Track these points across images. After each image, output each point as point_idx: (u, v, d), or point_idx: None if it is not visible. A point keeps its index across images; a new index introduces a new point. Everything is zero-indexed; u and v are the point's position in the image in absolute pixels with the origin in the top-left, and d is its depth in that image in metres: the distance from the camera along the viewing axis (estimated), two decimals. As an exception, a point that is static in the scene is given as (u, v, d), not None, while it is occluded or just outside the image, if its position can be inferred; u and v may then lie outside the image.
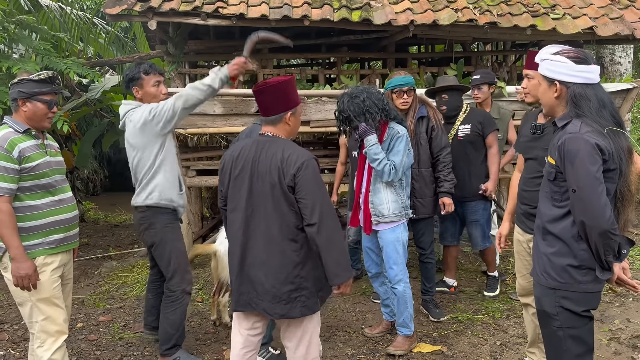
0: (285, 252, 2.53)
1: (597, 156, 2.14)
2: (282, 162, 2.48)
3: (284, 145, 2.55)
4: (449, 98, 4.39)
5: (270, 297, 2.54)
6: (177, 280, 3.50)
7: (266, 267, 2.55)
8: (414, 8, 5.23)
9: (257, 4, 5.06)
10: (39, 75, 2.82)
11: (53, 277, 2.91)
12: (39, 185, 2.85)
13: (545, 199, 2.41)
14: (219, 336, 4.09)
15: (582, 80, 2.26)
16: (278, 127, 2.62)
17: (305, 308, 2.56)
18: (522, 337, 3.95)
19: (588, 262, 2.26)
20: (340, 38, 6.05)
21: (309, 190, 2.46)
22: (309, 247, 2.56)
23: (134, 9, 4.81)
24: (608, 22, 5.29)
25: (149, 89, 3.42)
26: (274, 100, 2.56)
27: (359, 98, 3.46)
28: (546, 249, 2.38)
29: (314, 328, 2.67)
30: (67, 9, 7.25)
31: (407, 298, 3.68)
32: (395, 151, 3.51)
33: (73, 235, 3.07)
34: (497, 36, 5.62)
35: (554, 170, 2.30)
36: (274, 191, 2.50)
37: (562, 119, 2.32)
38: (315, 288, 2.59)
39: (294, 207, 2.50)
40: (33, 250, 2.83)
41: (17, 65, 5.27)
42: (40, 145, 2.90)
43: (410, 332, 3.73)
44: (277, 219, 2.52)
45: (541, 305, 2.42)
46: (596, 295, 2.32)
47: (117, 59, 7.56)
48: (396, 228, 3.61)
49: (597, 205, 2.13)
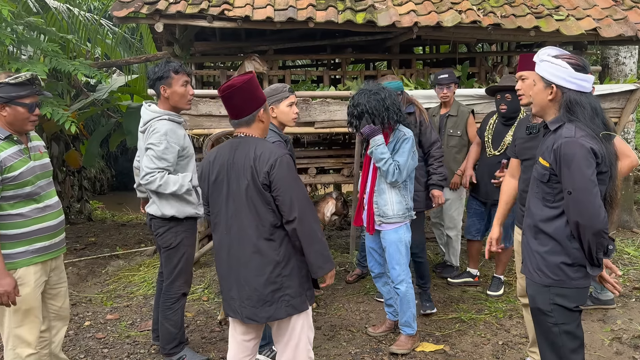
0: (263, 252, 2.51)
1: (592, 160, 2.24)
2: (255, 160, 2.46)
3: (256, 143, 2.53)
4: (512, 98, 4.35)
5: (254, 301, 2.52)
6: (180, 283, 3.52)
7: (246, 270, 2.53)
8: (418, 10, 5.26)
9: (263, 6, 5.10)
10: (17, 78, 2.71)
11: (36, 288, 2.85)
12: (22, 194, 2.76)
13: (536, 199, 2.49)
14: (224, 335, 4.14)
15: (577, 87, 2.33)
16: (252, 126, 2.59)
17: (290, 307, 2.54)
18: (524, 337, 3.98)
19: (579, 260, 2.36)
20: (345, 39, 6.09)
21: (285, 186, 2.45)
22: (291, 246, 2.54)
23: (141, 11, 4.86)
24: (612, 23, 5.29)
25: (177, 89, 3.32)
26: (244, 101, 2.52)
27: (379, 95, 3.46)
28: (539, 247, 2.46)
29: (301, 329, 2.62)
30: (75, 10, 7.32)
31: (410, 298, 3.71)
32: (401, 152, 3.54)
33: (59, 242, 3.01)
34: (500, 37, 5.64)
35: (547, 172, 2.39)
36: (249, 191, 2.48)
37: (554, 122, 2.41)
38: (302, 287, 2.58)
39: (270, 205, 2.48)
40: (15, 260, 2.77)
41: (26, 67, 5.33)
42: (23, 150, 2.81)
43: (413, 332, 3.77)
44: (253, 219, 2.50)
45: (535, 303, 2.50)
46: (586, 290, 2.44)
47: (125, 60, 7.63)
48: (399, 229, 3.64)
49: (593, 206, 2.23)
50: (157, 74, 3.32)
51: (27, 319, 2.85)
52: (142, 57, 7.58)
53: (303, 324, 2.63)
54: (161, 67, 3.32)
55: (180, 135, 3.33)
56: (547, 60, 2.38)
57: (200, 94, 5.36)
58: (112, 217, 9.56)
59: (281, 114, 3.35)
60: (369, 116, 3.47)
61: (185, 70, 3.39)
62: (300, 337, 2.62)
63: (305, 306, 2.60)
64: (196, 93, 5.32)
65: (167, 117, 3.31)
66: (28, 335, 2.86)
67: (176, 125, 3.34)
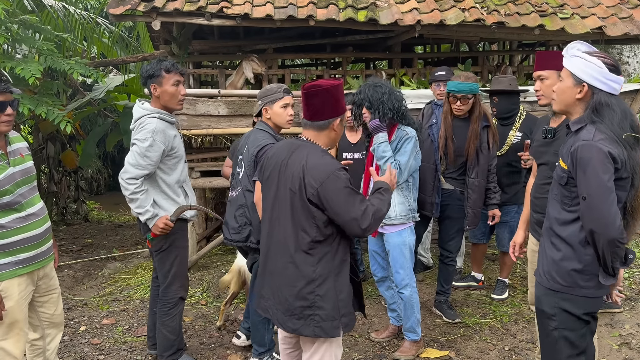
0: (298, 264, 2.38)
1: (610, 164, 2.11)
2: (304, 171, 2.34)
3: (312, 153, 2.39)
4: (499, 101, 4.42)
5: (284, 309, 2.42)
6: (177, 287, 3.42)
7: (280, 278, 2.43)
8: (421, 8, 5.17)
9: (262, 4, 5.00)
10: None
11: (21, 300, 2.73)
12: (2, 204, 2.60)
13: (555, 202, 2.38)
14: (223, 340, 4.04)
15: (609, 89, 2.21)
16: (322, 133, 2.48)
17: (319, 329, 2.37)
18: (530, 342, 3.89)
19: (592, 267, 2.24)
20: (345, 38, 6.00)
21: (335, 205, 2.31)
22: (332, 265, 2.40)
23: (137, 9, 4.76)
24: (617, 22, 5.21)
25: (168, 88, 3.20)
26: (324, 105, 2.42)
27: (381, 89, 3.45)
28: (552, 251, 2.36)
29: (325, 351, 2.46)
30: (71, 8, 7.21)
31: (414, 303, 3.62)
32: (403, 151, 3.46)
33: (46, 251, 2.86)
34: (504, 36, 5.56)
35: (565, 175, 2.27)
36: (294, 200, 2.37)
37: (576, 122, 2.28)
38: (336, 312, 2.38)
39: (314, 220, 2.34)
40: (0, 272, 2.64)
41: (21, 66, 5.23)
42: (1, 157, 2.65)
43: (418, 337, 3.68)
44: (294, 228, 2.38)
45: (540, 304, 2.41)
46: (597, 300, 2.31)
47: (121, 59, 7.53)
48: (403, 231, 3.55)
49: (607, 214, 2.11)
50: (148, 72, 3.22)
51: (11, 332, 2.72)
52: (139, 56, 7.48)
53: (329, 348, 2.47)
54: (153, 66, 3.23)
55: (169, 136, 3.22)
56: (580, 56, 2.24)
57: (198, 93, 5.27)
58: (109, 217, 9.45)
59: (275, 115, 3.29)
60: (368, 104, 3.45)
61: (179, 69, 3.28)
62: (324, 355, 2.47)
63: (337, 332, 2.41)
64: (195, 92, 5.24)
65: (157, 115, 3.20)
66: (13, 348, 2.74)
67: (167, 125, 3.23)
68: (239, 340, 3.87)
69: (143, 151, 3.10)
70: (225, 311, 4.25)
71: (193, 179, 5.50)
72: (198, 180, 5.52)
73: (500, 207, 4.49)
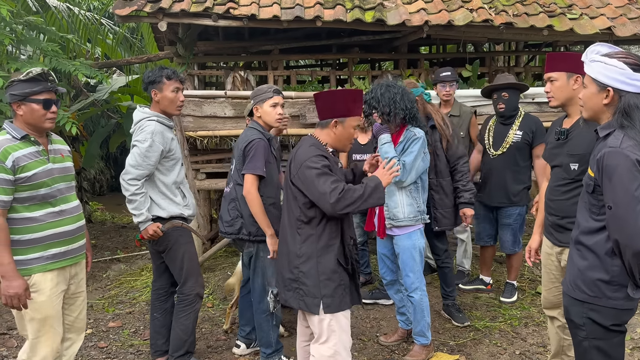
0: (288, 242, 2.73)
1: (637, 173, 2.03)
2: (293, 158, 2.72)
3: (305, 143, 2.76)
4: (509, 96, 4.33)
5: (282, 282, 2.77)
6: (192, 284, 3.44)
7: (280, 255, 2.83)
8: (428, 8, 5.13)
9: (269, 5, 4.97)
10: (28, 74, 2.61)
11: (53, 296, 2.73)
12: (37, 196, 2.66)
13: (584, 210, 2.30)
14: (230, 344, 4.00)
15: (637, 89, 2.11)
16: (324, 132, 2.78)
17: (302, 303, 2.67)
18: (541, 346, 3.85)
19: (620, 279, 2.17)
20: (351, 39, 5.96)
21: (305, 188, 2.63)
22: (315, 248, 2.67)
23: (144, 9, 4.73)
24: (626, 22, 5.17)
25: (168, 94, 3.34)
26: (324, 106, 2.75)
27: (394, 90, 3.44)
28: (579, 260, 2.29)
29: (329, 327, 2.68)
30: (75, 9, 7.18)
31: (424, 306, 3.59)
32: (408, 152, 3.44)
33: (78, 248, 2.88)
34: (512, 37, 5.52)
35: (592, 183, 2.20)
36: (287, 184, 2.75)
37: (604, 128, 2.20)
38: (317, 291, 2.65)
39: (296, 201, 2.69)
40: (30, 266, 2.66)
41: (26, 67, 5.19)
42: (41, 152, 2.70)
43: (428, 342, 3.64)
44: (289, 210, 2.75)
45: (569, 314, 2.36)
46: (628, 312, 2.23)
47: (125, 60, 7.49)
48: (412, 234, 3.52)
49: (634, 225, 2.03)
50: (150, 78, 3.38)
51: (43, 328, 2.73)
52: (143, 57, 7.45)
53: (333, 325, 2.69)
54: (155, 72, 3.38)
55: (167, 138, 3.35)
56: (600, 60, 2.16)
57: (205, 94, 5.24)
58: (112, 218, 9.42)
59: (264, 113, 3.49)
60: (377, 105, 3.44)
61: (179, 77, 3.43)
62: (330, 336, 2.69)
63: (316, 310, 2.66)
64: (201, 94, 5.21)
65: (156, 118, 3.34)
66: (44, 347, 2.74)
67: (165, 128, 3.37)
68: (239, 349, 3.82)
69: (143, 152, 3.22)
70: (231, 314, 4.22)
71: (199, 181, 5.48)
72: (204, 182, 5.49)
73: (503, 209, 4.49)
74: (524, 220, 4.62)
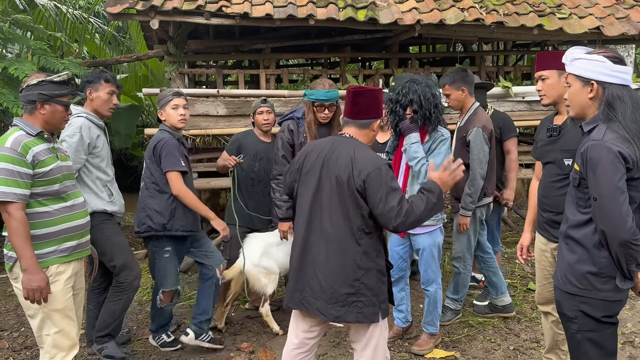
0: (347, 253, 2.49)
1: (620, 164, 2.09)
2: (353, 163, 2.46)
3: (357, 147, 2.54)
4: (476, 96, 4.27)
5: (326, 297, 2.50)
6: (125, 274, 3.54)
7: (326, 266, 2.51)
8: (420, 7, 5.15)
9: (261, 3, 4.95)
10: (60, 76, 2.74)
11: (66, 287, 2.79)
12: (51, 192, 2.73)
13: (571, 204, 2.36)
14: (225, 343, 3.98)
15: (619, 80, 2.18)
16: (363, 131, 2.63)
17: (361, 315, 2.50)
18: (534, 342, 3.89)
19: (608, 270, 2.21)
20: (344, 38, 5.96)
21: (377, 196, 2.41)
22: (374, 256, 2.53)
23: (135, 7, 4.69)
24: (614, 22, 5.24)
25: (102, 95, 3.52)
26: (369, 105, 2.59)
27: (432, 90, 3.39)
28: (568, 254, 2.34)
29: (380, 335, 2.62)
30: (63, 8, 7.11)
31: (438, 299, 3.68)
32: (437, 153, 3.41)
33: (85, 242, 2.96)
34: (502, 36, 5.56)
35: (577, 176, 2.26)
36: (341, 191, 2.47)
37: (589, 123, 2.26)
38: (377, 299, 2.53)
39: (361, 210, 2.46)
40: (46, 259, 2.71)
41: (14, 66, 5.13)
42: (51, 149, 2.78)
43: (436, 331, 3.75)
44: (342, 218, 2.48)
45: (561, 308, 2.40)
46: (618, 303, 2.27)
47: (114, 59, 7.43)
48: (433, 232, 3.55)
49: (618, 215, 2.09)
50: (88, 78, 3.58)
51: (62, 320, 2.78)
52: (132, 55, 7.39)
53: (381, 328, 2.63)
54: (94, 74, 3.58)
55: (94, 133, 3.47)
56: (581, 57, 2.23)
57: (197, 93, 5.22)
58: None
59: (167, 116, 3.69)
60: (418, 108, 3.37)
61: (117, 83, 3.65)
62: (379, 340, 2.62)
63: (377, 318, 2.55)
64: (192, 92, 5.18)
65: (85, 114, 3.47)
66: (66, 339, 2.79)
67: (92, 124, 3.49)
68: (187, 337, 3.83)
69: (75, 146, 3.34)
70: (226, 312, 4.20)
71: (191, 180, 5.44)
72: (195, 182, 5.46)
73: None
74: (499, 218, 4.64)
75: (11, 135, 2.66)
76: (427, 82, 3.43)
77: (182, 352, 3.87)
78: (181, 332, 3.95)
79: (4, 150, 2.60)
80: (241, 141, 4.21)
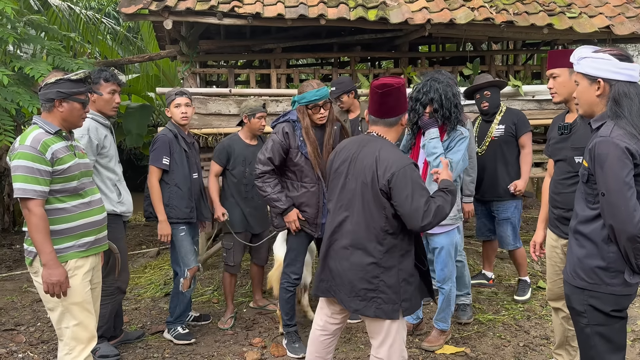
0: (368, 251, 2.53)
1: (627, 160, 2.13)
2: (377, 163, 2.47)
3: (383, 146, 2.53)
4: (491, 94, 4.41)
5: (347, 290, 2.58)
6: (113, 277, 3.59)
7: (347, 262, 2.58)
8: (430, 7, 5.19)
9: (273, 3, 5.01)
10: (77, 74, 2.78)
11: (84, 281, 2.85)
12: (69, 189, 2.79)
13: (581, 200, 2.40)
14: (237, 338, 4.05)
15: (626, 77, 2.22)
16: (392, 129, 2.63)
17: (380, 311, 2.54)
18: (544, 339, 3.92)
19: (617, 265, 2.25)
20: (354, 37, 6.01)
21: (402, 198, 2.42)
22: (398, 256, 2.55)
23: (149, 8, 4.76)
24: (625, 21, 5.25)
25: (104, 95, 3.54)
26: (397, 102, 2.56)
27: (453, 89, 3.41)
28: (577, 249, 2.37)
29: (397, 331, 2.63)
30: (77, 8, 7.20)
31: (452, 296, 3.73)
32: (456, 150, 3.42)
33: (103, 238, 3.01)
34: (512, 35, 5.58)
35: (586, 172, 2.30)
36: (365, 191, 2.51)
37: (597, 120, 2.30)
38: (397, 297, 2.55)
39: (384, 211, 2.49)
40: (64, 254, 2.77)
41: (30, 66, 5.21)
42: (69, 147, 2.83)
43: (447, 327, 3.79)
44: (364, 217, 2.52)
45: (570, 302, 2.43)
46: (627, 298, 2.30)
47: (127, 59, 7.50)
48: (451, 232, 3.59)
49: (626, 209, 2.12)
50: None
51: (81, 313, 2.83)
52: (145, 55, 7.45)
53: (399, 326, 2.64)
54: (94, 74, 3.51)
55: (101, 134, 3.52)
56: (587, 56, 2.27)
57: (209, 92, 5.28)
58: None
59: (172, 114, 3.97)
60: (438, 107, 3.37)
61: (117, 80, 3.64)
62: (396, 338, 2.62)
63: (397, 315, 2.58)
64: (206, 92, 5.25)
65: (91, 115, 3.48)
66: (85, 332, 2.84)
67: (99, 125, 3.54)
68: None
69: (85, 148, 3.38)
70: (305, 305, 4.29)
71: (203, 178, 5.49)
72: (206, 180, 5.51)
73: (499, 204, 4.50)
74: (520, 213, 4.67)
75: (31, 133, 2.72)
76: (448, 81, 3.42)
77: (196, 346, 3.93)
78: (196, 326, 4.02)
79: (24, 148, 2.65)
80: (228, 150, 4.18)
